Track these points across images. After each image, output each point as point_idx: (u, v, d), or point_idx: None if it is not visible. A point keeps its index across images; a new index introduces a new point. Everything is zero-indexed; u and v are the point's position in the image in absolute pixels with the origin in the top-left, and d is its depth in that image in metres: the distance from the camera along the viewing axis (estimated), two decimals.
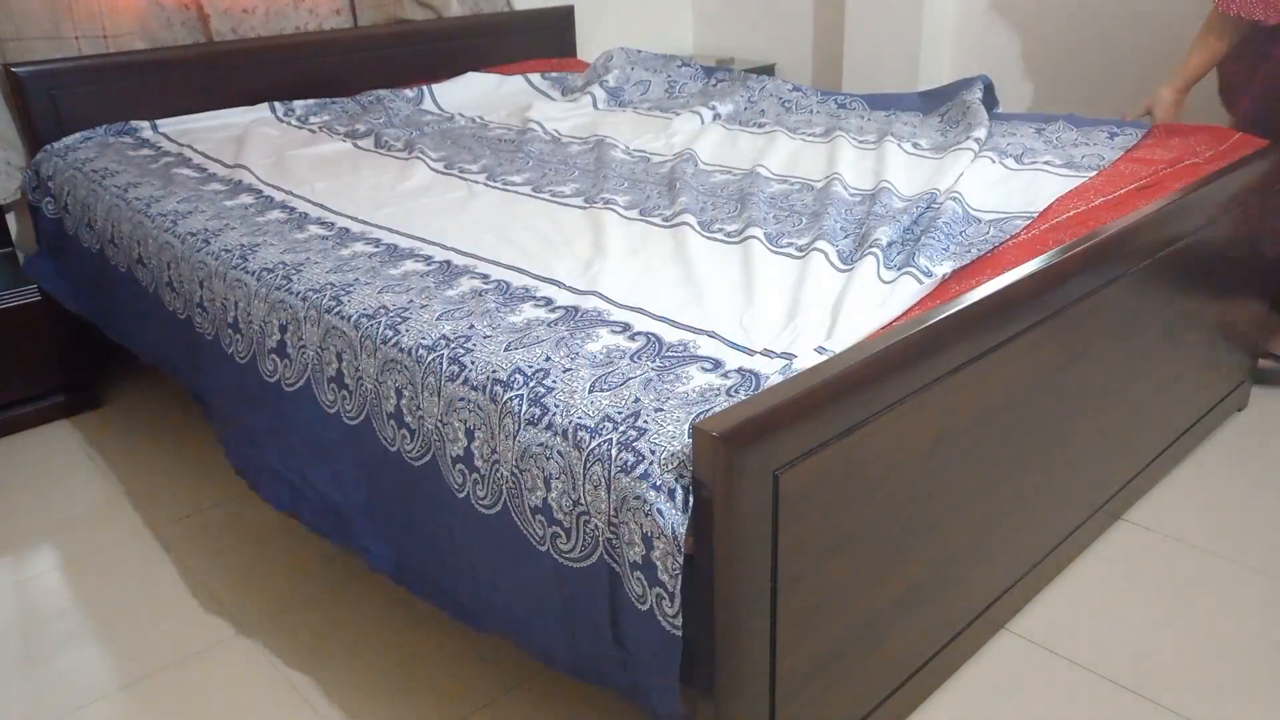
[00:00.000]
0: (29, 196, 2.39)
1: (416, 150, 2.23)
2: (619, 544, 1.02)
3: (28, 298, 2.25)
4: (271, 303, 1.52)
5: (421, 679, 1.50)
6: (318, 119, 2.60)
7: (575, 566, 1.08)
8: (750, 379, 1.12)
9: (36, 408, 2.35)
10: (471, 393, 1.18)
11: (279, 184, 2.04)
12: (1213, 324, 1.86)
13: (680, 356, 1.19)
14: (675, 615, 0.98)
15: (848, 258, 1.48)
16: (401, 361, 1.28)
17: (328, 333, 1.41)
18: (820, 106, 2.54)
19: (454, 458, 1.21)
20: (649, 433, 1.03)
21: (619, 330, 1.27)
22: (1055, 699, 1.41)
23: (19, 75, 2.34)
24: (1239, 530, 1.77)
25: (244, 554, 1.82)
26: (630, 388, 1.11)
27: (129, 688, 1.51)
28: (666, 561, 0.97)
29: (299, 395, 1.46)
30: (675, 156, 2.10)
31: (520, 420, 1.11)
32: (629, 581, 1.02)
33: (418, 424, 1.26)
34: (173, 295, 1.80)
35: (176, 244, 1.80)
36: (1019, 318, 1.28)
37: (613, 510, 1.01)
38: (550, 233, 1.67)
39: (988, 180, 1.84)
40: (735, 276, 1.44)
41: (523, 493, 1.12)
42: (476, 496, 1.19)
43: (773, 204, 1.77)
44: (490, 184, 1.99)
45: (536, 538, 1.12)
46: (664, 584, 0.98)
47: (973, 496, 1.33)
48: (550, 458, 1.07)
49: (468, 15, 3.16)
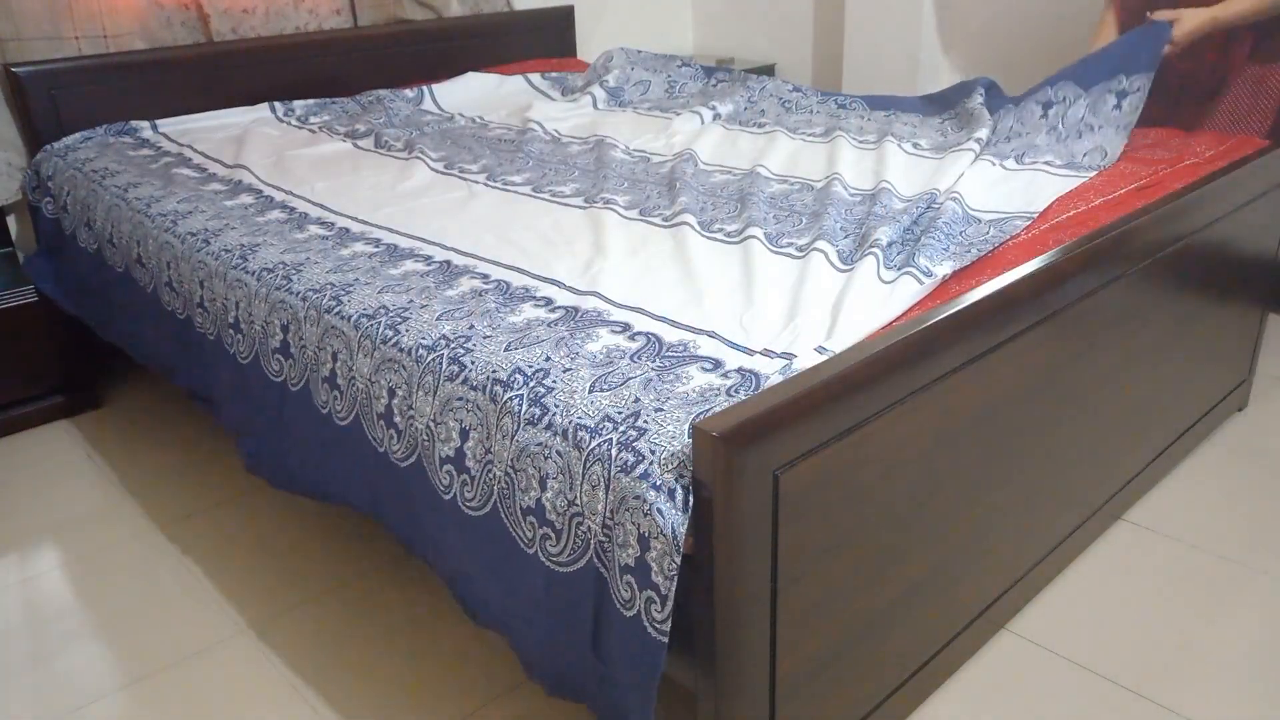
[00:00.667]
0: (29, 197, 2.39)
1: (416, 150, 2.23)
2: (611, 547, 1.02)
3: (28, 298, 2.25)
4: (272, 303, 1.52)
5: (421, 679, 1.50)
6: (318, 119, 2.60)
7: (562, 571, 1.08)
8: (750, 379, 1.12)
9: (36, 408, 2.35)
10: (471, 392, 1.18)
11: (279, 184, 2.04)
12: (1212, 324, 1.86)
13: (680, 356, 1.19)
14: (664, 621, 0.97)
15: (848, 258, 1.48)
16: (400, 361, 1.28)
17: (326, 332, 1.41)
18: (820, 107, 2.54)
19: (443, 458, 1.21)
20: (649, 432, 1.03)
21: (619, 330, 1.27)
22: (1055, 699, 1.41)
23: (19, 75, 2.34)
24: (1239, 530, 1.77)
25: (244, 554, 1.82)
26: (630, 388, 1.11)
27: (129, 687, 1.52)
28: (663, 563, 0.97)
29: (301, 395, 1.46)
30: (675, 156, 2.10)
31: (520, 420, 1.11)
32: (617, 587, 1.02)
33: (406, 424, 1.26)
34: (172, 295, 1.81)
35: (176, 244, 1.80)
36: (1019, 318, 1.28)
37: (609, 511, 1.01)
38: (550, 233, 1.67)
39: (987, 180, 1.84)
40: (735, 276, 1.44)
41: (515, 493, 1.11)
42: (464, 498, 1.18)
43: (773, 204, 1.77)
44: (490, 184, 1.99)
45: (525, 540, 1.12)
46: (656, 586, 0.97)
47: (973, 496, 1.33)
48: (549, 457, 1.07)
49: (468, 15, 3.16)
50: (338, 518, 1.92)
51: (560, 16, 3.35)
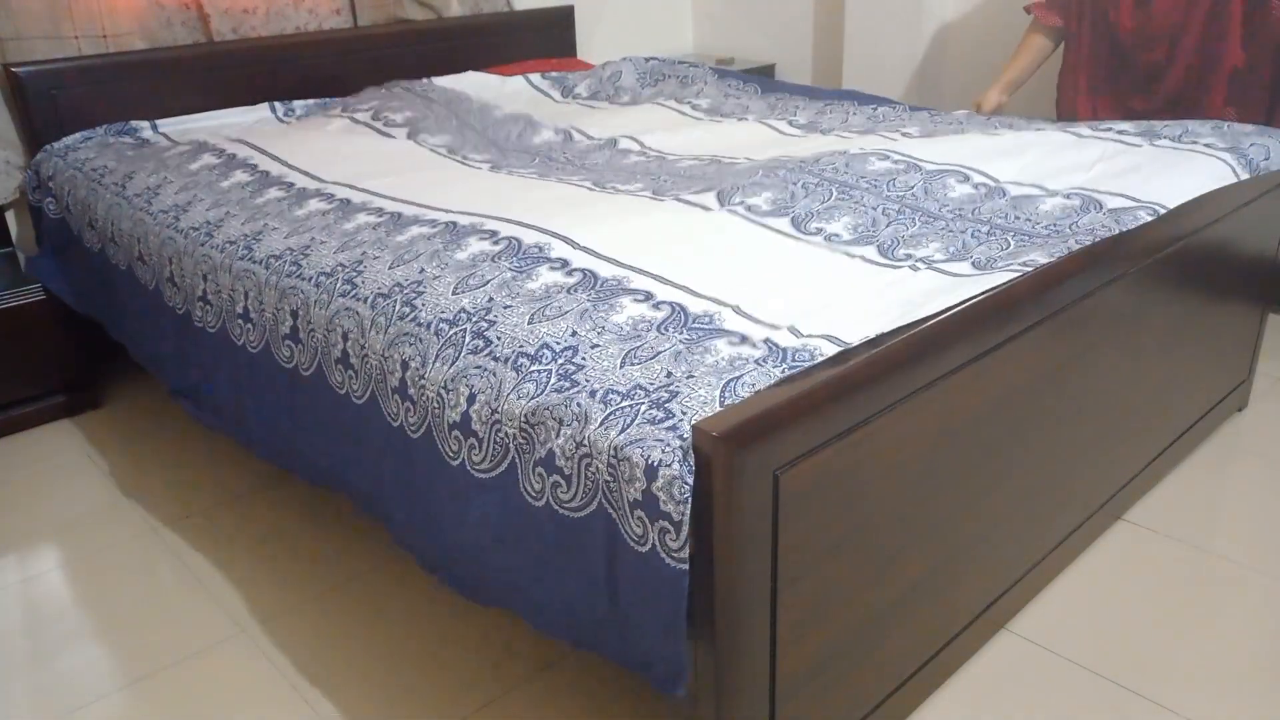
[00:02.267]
0: (29, 197, 2.39)
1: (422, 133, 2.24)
2: (617, 485, 1.01)
3: (28, 298, 2.24)
4: (282, 289, 1.54)
5: (422, 679, 1.50)
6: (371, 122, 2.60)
7: (573, 517, 1.07)
8: (796, 356, 1.11)
9: (37, 408, 2.35)
10: (492, 363, 1.19)
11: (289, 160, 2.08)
12: (1212, 324, 1.86)
13: (707, 329, 1.19)
14: (680, 549, 0.95)
15: (889, 251, 1.46)
16: (418, 335, 1.29)
17: (338, 313, 1.42)
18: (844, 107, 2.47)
19: (451, 424, 1.20)
20: (680, 395, 1.04)
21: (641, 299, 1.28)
22: (1055, 699, 1.41)
23: (19, 75, 2.34)
24: (1239, 530, 1.77)
25: (244, 554, 1.82)
26: (661, 360, 1.12)
27: (129, 687, 1.52)
28: (672, 489, 0.95)
29: (315, 378, 1.47)
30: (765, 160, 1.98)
31: (546, 388, 1.12)
32: (628, 524, 1.00)
33: (419, 395, 1.26)
34: (173, 290, 1.81)
35: (179, 239, 1.80)
36: (1019, 318, 1.28)
37: (613, 450, 1.01)
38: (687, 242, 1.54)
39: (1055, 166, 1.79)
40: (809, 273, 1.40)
41: (535, 446, 1.11)
42: (473, 462, 1.18)
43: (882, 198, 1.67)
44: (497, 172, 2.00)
45: (534, 493, 1.11)
46: (668, 515, 0.96)
47: (973, 496, 1.33)
48: (568, 408, 1.07)
49: (468, 15, 3.16)
50: (338, 518, 1.92)
51: (560, 16, 3.35)
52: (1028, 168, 1.79)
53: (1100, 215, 1.54)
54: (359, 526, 1.89)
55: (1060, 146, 1.89)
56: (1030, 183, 1.72)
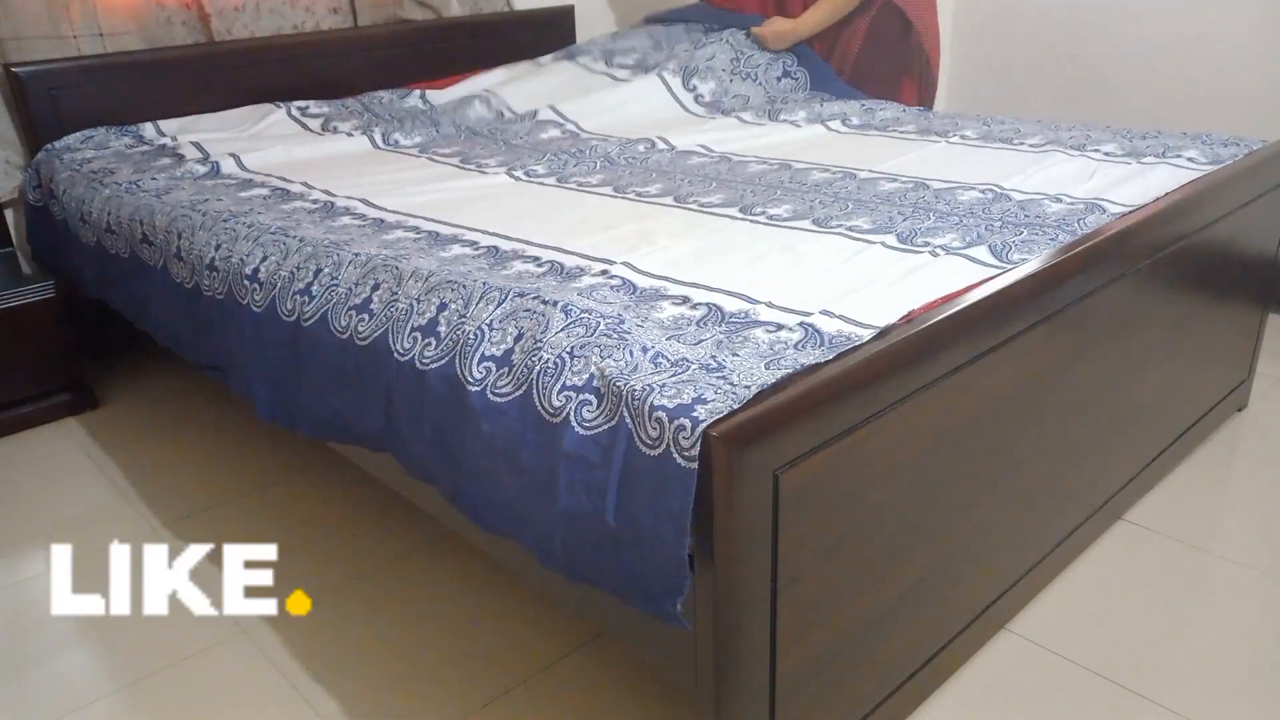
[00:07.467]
0: (30, 196, 2.39)
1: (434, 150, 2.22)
2: (641, 405, 1.03)
3: (28, 298, 2.25)
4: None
5: (421, 679, 1.50)
6: (317, 118, 2.60)
7: (590, 433, 1.07)
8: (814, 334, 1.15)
9: (37, 407, 2.35)
10: (540, 305, 1.23)
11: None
12: (1213, 324, 1.86)
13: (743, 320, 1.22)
14: (691, 447, 0.96)
15: (906, 239, 1.50)
16: (461, 282, 1.33)
17: (372, 269, 1.44)
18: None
19: (483, 356, 1.22)
20: (726, 369, 1.06)
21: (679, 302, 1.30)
22: (1055, 699, 1.41)
23: (19, 75, 2.34)
24: (1239, 530, 1.77)
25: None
26: (704, 346, 1.14)
27: (129, 688, 1.52)
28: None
29: (317, 327, 1.48)
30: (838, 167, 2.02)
31: (596, 331, 1.15)
32: (644, 427, 1.01)
33: (450, 331, 1.28)
34: (180, 265, 1.81)
35: (195, 216, 1.82)
36: (1019, 318, 1.28)
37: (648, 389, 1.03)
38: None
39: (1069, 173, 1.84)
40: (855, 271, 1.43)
41: (563, 375, 1.12)
42: (494, 387, 1.19)
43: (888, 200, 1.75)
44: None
45: (552, 410, 1.11)
46: (689, 410, 0.98)
47: (973, 496, 1.33)
48: (620, 351, 1.11)
49: (468, 15, 3.16)
50: (337, 518, 1.92)
51: (560, 16, 3.35)
52: (1026, 180, 1.81)
53: (1103, 217, 1.56)
54: (359, 527, 1.89)
55: (1058, 164, 1.90)
56: (1034, 191, 1.74)
